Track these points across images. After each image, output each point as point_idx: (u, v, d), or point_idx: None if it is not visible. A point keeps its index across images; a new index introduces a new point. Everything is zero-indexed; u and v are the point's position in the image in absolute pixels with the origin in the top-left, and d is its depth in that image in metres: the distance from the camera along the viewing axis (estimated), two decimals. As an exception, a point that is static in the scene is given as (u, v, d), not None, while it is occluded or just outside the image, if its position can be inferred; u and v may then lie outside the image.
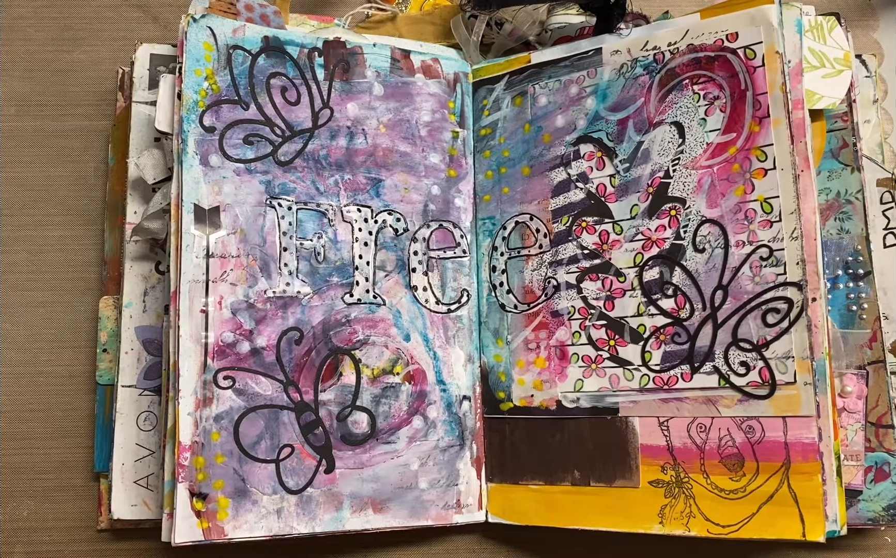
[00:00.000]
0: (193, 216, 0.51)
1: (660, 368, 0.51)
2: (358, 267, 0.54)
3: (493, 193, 0.57)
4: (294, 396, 0.51)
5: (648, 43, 0.53)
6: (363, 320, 0.54)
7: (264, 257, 0.52)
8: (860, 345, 0.52)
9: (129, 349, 0.55)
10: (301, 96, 0.54)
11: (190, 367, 0.49)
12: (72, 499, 0.57)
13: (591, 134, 0.54)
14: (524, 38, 0.59)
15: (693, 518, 0.49)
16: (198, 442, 0.49)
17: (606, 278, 0.53)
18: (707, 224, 0.50)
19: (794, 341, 0.47)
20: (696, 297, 0.50)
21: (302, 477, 0.51)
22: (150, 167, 0.55)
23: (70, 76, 0.62)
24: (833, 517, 0.47)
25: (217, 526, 0.49)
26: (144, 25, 0.63)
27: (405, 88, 0.57)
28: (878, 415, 0.52)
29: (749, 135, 0.50)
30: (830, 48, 0.54)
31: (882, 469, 0.52)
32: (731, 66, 0.50)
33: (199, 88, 0.52)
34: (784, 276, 0.48)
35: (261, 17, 0.55)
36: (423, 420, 0.54)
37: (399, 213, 0.56)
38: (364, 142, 0.55)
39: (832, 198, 0.54)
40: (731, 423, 0.49)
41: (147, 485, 0.54)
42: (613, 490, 0.51)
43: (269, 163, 0.53)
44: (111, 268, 0.58)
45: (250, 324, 0.51)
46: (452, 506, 0.54)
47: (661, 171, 0.52)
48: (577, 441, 0.53)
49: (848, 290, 0.53)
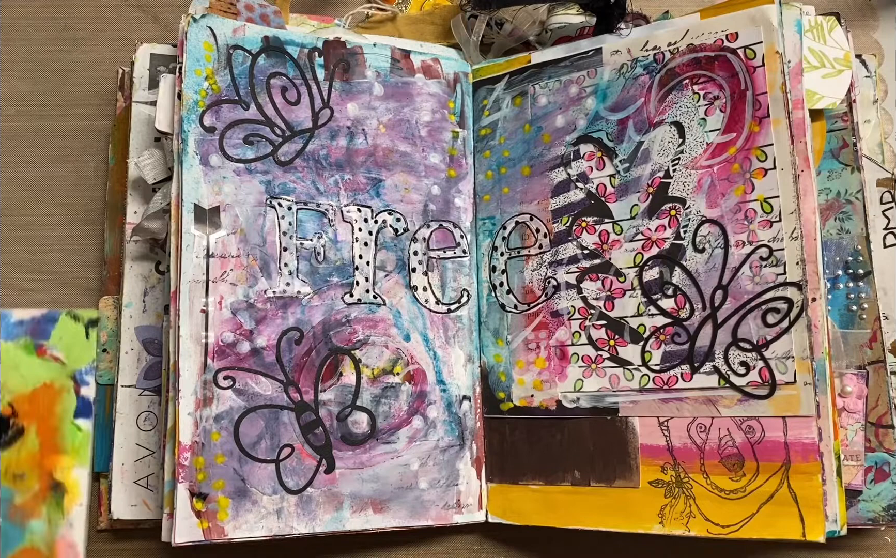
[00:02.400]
0: (193, 216, 0.51)
1: (660, 368, 0.51)
2: (358, 267, 0.54)
3: (493, 193, 0.57)
4: (294, 396, 0.51)
5: (648, 43, 0.53)
6: (363, 320, 0.54)
7: (264, 257, 0.52)
8: (860, 345, 0.52)
9: (129, 349, 0.55)
10: (301, 96, 0.54)
11: (190, 367, 0.49)
12: (72, 499, 0.57)
13: (591, 134, 0.54)
14: (524, 38, 0.59)
15: (693, 518, 0.49)
16: (198, 442, 0.49)
17: (606, 278, 0.53)
18: (707, 224, 0.50)
19: (794, 341, 0.47)
20: (696, 297, 0.50)
21: (302, 477, 0.51)
22: (150, 167, 0.55)
23: (70, 76, 0.62)
24: (833, 517, 0.47)
25: (217, 526, 0.49)
26: (144, 25, 0.63)
27: (405, 88, 0.57)
28: (878, 415, 0.52)
29: (749, 135, 0.50)
30: (830, 48, 0.54)
31: (882, 469, 0.52)
32: (731, 66, 0.50)
33: (200, 88, 0.52)
34: (784, 276, 0.48)
35: (261, 17, 0.55)
36: (423, 420, 0.54)
37: (399, 213, 0.56)
38: (364, 142, 0.55)
39: (832, 198, 0.54)
40: (731, 423, 0.49)
41: (147, 485, 0.54)
42: (613, 490, 0.51)
43: (270, 163, 0.53)
44: (111, 268, 0.58)
45: (250, 324, 0.51)
46: (452, 506, 0.54)
47: (661, 171, 0.52)
48: (577, 441, 0.53)
49: (848, 290, 0.53)
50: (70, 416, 0.52)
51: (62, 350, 0.52)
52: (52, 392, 0.52)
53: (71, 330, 0.54)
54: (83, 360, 0.53)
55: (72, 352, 0.53)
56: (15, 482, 0.50)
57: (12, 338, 0.52)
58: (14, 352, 0.52)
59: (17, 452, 0.51)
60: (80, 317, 0.54)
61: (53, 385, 0.52)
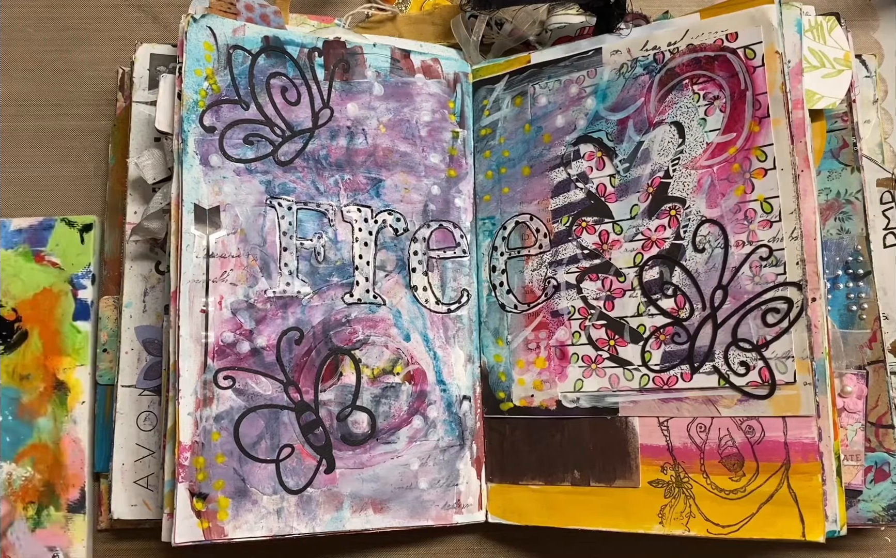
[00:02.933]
0: (193, 216, 0.51)
1: (660, 368, 0.51)
2: (358, 267, 0.54)
3: (493, 193, 0.57)
4: (294, 396, 0.51)
5: (648, 43, 0.53)
6: (363, 320, 0.54)
7: (264, 257, 0.52)
8: (860, 345, 0.52)
9: (129, 349, 0.55)
10: (301, 96, 0.54)
11: (190, 367, 0.49)
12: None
13: (591, 134, 0.54)
14: (524, 38, 0.59)
15: (693, 518, 0.49)
16: (198, 442, 0.49)
17: (606, 278, 0.53)
18: (707, 224, 0.50)
19: (794, 341, 0.47)
20: (695, 297, 0.50)
21: (302, 477, 0.51)
22: (150, 167, 0.55)
23: (70, 76, 0.62)
24: (833, 517, 0.47)
25: (217, 526, 0.49)
26: (144, 25, 0.63)
27: (405, 88, 0.57)
28: (878, 415, 0.52)
29: (749, 135, 0.50)
30: (830, 48, 0.54)
31: (882, 469, 0.52)
32: (731, 66, 0.50)
33: (200, 88, 0.52)
34: (784, 276, 0.48)
35: (261, 17, 0.55)
36: (423, 420, 0.54)
37: (399, 213, 0.56)
38: (364, 142, 0.55)
39: (832, 198, 0.54)
40: (730, 423, 0.49)
41: (147, 485, 0.54)
42: (613, 490, 0.51)
43: (270, 163, 0.53)
44: (111, 268, 0.58)
45: (250, 324, 0.51)
46: (452, 506, 0.54)
47: (661, 171, 0.52)
48: (577, 441, 0.53)
49: (848, 290, 0.53)
50: (69, 319, 0.55)
51: (59, 256, 0.55)
52: (51, 296, 0.55)
53: (66, 236, 0.56)
54: (79, 265, 0.56)
55: (68, 257, 0.56)
56: (21, 383, 0.53)
57: (11, 246, 0.55)
58: (14, 259, 0.54)
59: (23, 355, 0.54)
60: (75, 223, 0.56)
61: (52, 289, 0.55)
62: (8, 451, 0.54)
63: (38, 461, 0.54)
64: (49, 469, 0.54)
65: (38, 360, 0.55)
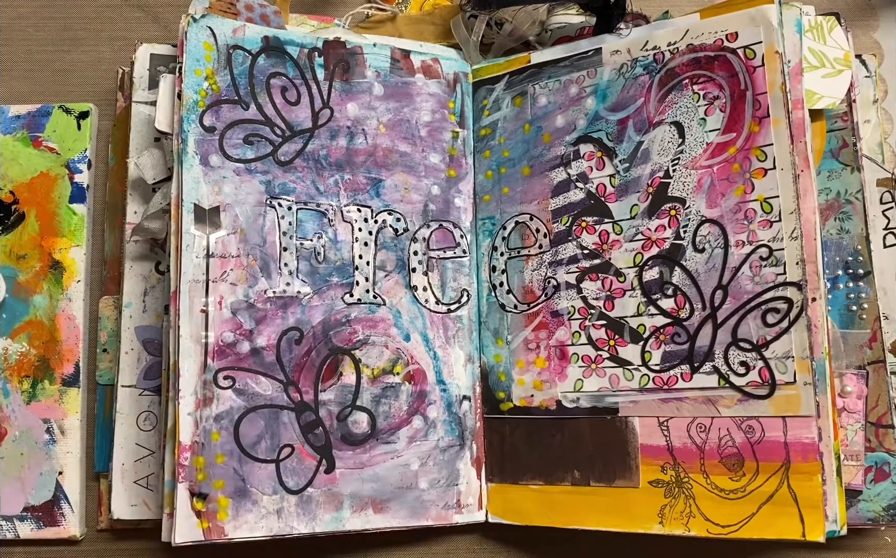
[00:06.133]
0: (193, 216, 0.51)
1: (660, 368, 0.51)
2: (358, 267, 0.54)
3: (493, 193, 0.57)
4: (294, 396, 0.51)
5: (648, 43, 0.53)
6: (363, 320, 0.54)
7: (264, 257, 0.52)
8: (860, 345, 0.52)
9: (129, 349, 0.55)
10: (301, 96, 0.54)
11: (190, 367, 0.49)
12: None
13: (591, 134, 0.54)
14: (524, 38, 0.59)
15: (693, 518, 0.49)
16: (198, 442, 0.49)
17: (606, 278, 0.53)
18: (707, 224, 0.50)
19: (794, 341, 0.47)
20: (695, 297, 0.50)
21: (302, 477, 0.51)
22: (150, 167, 0.55)
23: (70, 76, 0.62)
24: (833, 517, 0.47)
25: (217, 526, 0.49)
26: (144, 25, 0.63)
27: (405, 88, 0.57)
28: (878, 415, 0.52)
29: (749, 134, 0.50)
30: (830, 48, 0.54)
31: (882, 469, 0.52)
32: (731, 66, 0.50)
33: (199, 88, 0.52)
34: (784, 276, 0.48)
35: (261, 17, 0.55)
36: (423, 420, 0.54)
37: (399, 213, 0.56)
38: (364, 142, 0.55)
39: (832, 198, 0.54)
40: (730, 423, 0.49)
41: (147, 485, 0.54)
42: (613, 490, 0.51)
43: (269, 163, 0.53)
44: (111, 268, 0.58)
45: (250, 324, 0.51)
46: (452, 506, 0.54)
47: (661, 171, 0.52)
48: (577, 441, 0.53)
49: (848, 290, 0.53)
50: (66, 202, 0.57)
51: (56, 141, 0.57)
52: (48, 180, 0.57)
53: (63, 122, 0.58)
54: (76, 150, 0.57)
55: (65, 142, 0.58)
56: (18, 262, 0.55)
57: (10, 131, 0.57)
58: (12, 144, 0.56)
59: (20, 235, 0.56)
60: (72, 109, 0.58)
61: (49, 173, 0.57)
62: (5, 328, 0.55)
63: (33, 337, 0.55)
64: (44, 344, 0.56)
65: (34, 241, 0.56)
